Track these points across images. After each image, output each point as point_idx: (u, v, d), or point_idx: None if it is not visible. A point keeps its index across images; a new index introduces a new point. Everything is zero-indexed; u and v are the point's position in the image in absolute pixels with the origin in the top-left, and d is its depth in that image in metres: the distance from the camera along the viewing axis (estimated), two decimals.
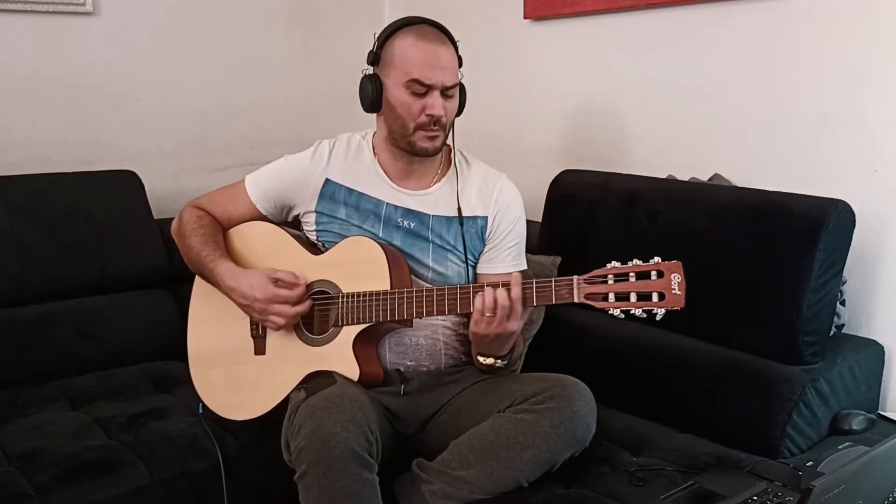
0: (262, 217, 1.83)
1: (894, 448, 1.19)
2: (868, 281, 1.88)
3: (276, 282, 1.67)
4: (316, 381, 1.61)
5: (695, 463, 1.63)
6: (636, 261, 1.46)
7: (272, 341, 1.75)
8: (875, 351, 1.86)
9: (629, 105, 2.32)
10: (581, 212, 2.13)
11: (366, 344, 1.67)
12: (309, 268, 1.73)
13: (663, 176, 2.13)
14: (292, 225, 1.85)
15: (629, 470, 1.61)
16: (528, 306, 1.58)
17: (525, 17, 2.55)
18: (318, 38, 2.90)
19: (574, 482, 1.59)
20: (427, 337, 1.73)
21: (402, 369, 1.72)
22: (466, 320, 1.64)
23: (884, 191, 1.83)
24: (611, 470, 1.63)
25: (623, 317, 1.46)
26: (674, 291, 1.43)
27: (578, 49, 2.44)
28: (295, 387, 1.67)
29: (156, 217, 2.35)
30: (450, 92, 1.67)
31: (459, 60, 1.70)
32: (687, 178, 2.09)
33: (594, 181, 2.16)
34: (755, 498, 1.34)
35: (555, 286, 1.50)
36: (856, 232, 1.74)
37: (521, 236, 1.81)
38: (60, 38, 2.41)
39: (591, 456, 1.64)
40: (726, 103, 2.10)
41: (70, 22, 2.42)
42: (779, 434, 1.69)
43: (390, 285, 1.63)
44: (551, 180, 2.25)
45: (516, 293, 1.52)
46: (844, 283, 1.85)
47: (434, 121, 1.65)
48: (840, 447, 1.52)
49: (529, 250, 1.89)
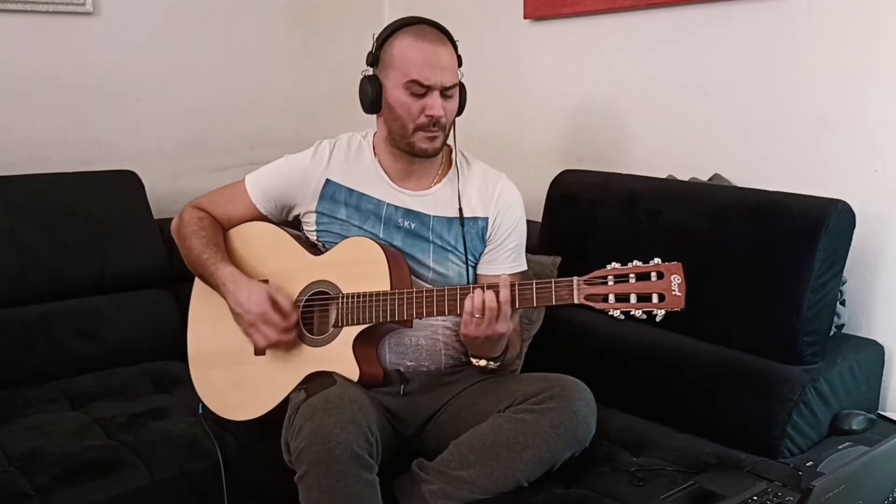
0: (262, 217, 1.82)
1: (894, 448, 1.19)
2: (868, 281, 1.88)
3: (273, 303, 1.66)
4: (316, 382, 1.60)
5: (695, 463, 1.63)
6: (636, 262, 1.46)
7: None
8: (875, 351, 1.86)
9: (629, 105, 2.32)
10: (581, 212, 2.13)
11: (366, 344, 1.67)
12: (309, 268, 1.73)
13: (663, 176, 2.13)
14: (292, 225, 1.85)
15: (629, 470, 1.61)
16: (527, 307, 1.58)
17: (525, 17, 2.54)
18: (318, 38, 2.90)
19: (574, 482, 1.59)
20: (427, 337, 1.73)
21: (401, 370, 1.72)
22: None
23: (884, 191, 1.84)
24: (611, 470, 1.63)
25: (623, 318, 1.45)
26: (674, 293, 1.43)
27: (578, 49, 2.44)
28: (295, 387, 1.67)
29: (156, 217, 2.35)
30: (449, 92, 1.67)
31: (459, 60, 1.70)
32: (687, 178, 2.10)
33: (594, 181, 2.16)
34: (755, 498, 1.34)
35: (555, 287, 1.50)
36: (856, 232, 1.74)
37: (521, 237, 1.81)
38: (60, 38, 2.41)
39: (591, 456, 1.64)
40: (726, 103, 2.10)
41: (70, 22, 2.42)
42: (779, 434, 1.69)
43: (390, 286, 1.63)
44: (551, 180, 2.25)
45: (504, 295, 1.51)
46: (844, 283, 1.85)
47: (434, 121, 1.65)
48: (840, 447, 1.52)
49: (529, 250, 1.89)
